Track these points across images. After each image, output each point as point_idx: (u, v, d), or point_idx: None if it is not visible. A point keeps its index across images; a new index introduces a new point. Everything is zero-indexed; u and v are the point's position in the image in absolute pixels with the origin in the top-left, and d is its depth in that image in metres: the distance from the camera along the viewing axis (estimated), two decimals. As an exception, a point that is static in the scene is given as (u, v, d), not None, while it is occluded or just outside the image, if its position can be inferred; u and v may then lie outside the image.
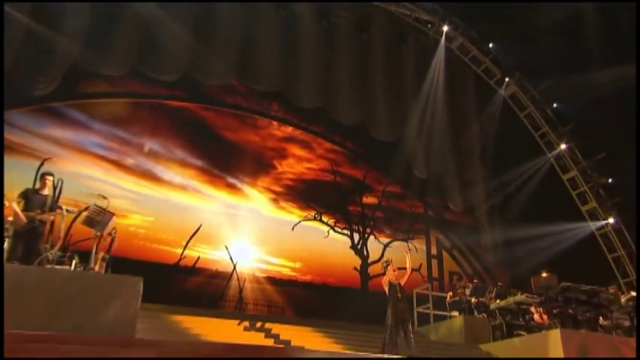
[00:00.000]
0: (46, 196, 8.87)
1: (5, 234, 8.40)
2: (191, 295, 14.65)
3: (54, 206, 9.00)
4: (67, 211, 9.05)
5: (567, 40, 15.39)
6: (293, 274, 16.84)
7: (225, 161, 16.99)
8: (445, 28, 17.57)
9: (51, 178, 9.22)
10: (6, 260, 7.64)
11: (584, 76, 15.23)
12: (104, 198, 9.51)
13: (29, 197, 8.67)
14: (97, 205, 9.08)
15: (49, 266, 8.21)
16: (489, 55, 18.38)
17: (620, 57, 14.56)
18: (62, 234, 9.22)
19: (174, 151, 16.50)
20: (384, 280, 9.05)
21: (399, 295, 8.82)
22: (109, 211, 9.12)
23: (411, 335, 8.63)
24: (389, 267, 9.32)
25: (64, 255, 8.82)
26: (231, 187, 16.95)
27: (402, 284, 9.00)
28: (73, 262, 8.88)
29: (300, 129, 18.73)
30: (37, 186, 9.03)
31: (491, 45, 18.35)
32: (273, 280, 16.28)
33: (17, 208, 8.78)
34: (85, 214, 9.07)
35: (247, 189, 17.18)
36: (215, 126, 17.54)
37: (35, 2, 13.39)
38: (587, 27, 15.17)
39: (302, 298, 16.51)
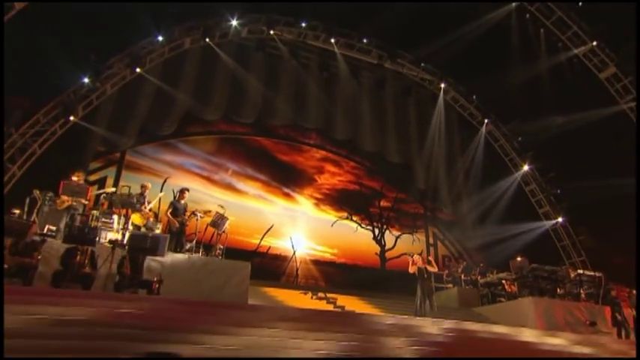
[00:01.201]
0: (185, 204, 9.64)
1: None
2: (263, 272, 14.67)
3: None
4: (200, 216, 10.00)
5: (528, 93, 15.56)
6: (332, 257, 16.95)
7: (281, 176, 17.25)
8: (442, 85, 18.00)
9: (187, 192, 10.12)
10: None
11: (540, 119, 15.61)
12: (222, 207, 10.36)
13: (175, 206, 9.48)
14: (218, 213, 10.01)
15: (188, 254, 8.96)
16: (473, 104, 18.71)
17: (567, 106, 14.86)
18: (197, 232, 10.09)
19: (246, 169, 16.71)
20: (414, 268, 9.48)
21: (425, 275, 9.41)
22: (225, 216, 10.01)
23: (434, 303, 9.24)
24: (414, 256, 9.82)
25: (197, 246, 9.54)
26: (286, 195, 17.18)
27: (427, 269, 9.54)
28: (200, 251, 9.85)
29: (331, 152, 18.68)
30: (177, 197, 9.81)
31: (474, 97, 18.61)
32: (318, 262, 16.47)
33: (169, 215, 9.74)
34: (210, 218, 10.01)
35: (297, 196, 17.36)
36: (273, 151, 17.82)
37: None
38: (543, 84, 15.41)
39: (338, 274, 16.63)
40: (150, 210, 9.58)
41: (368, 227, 18.12)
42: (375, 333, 6.48)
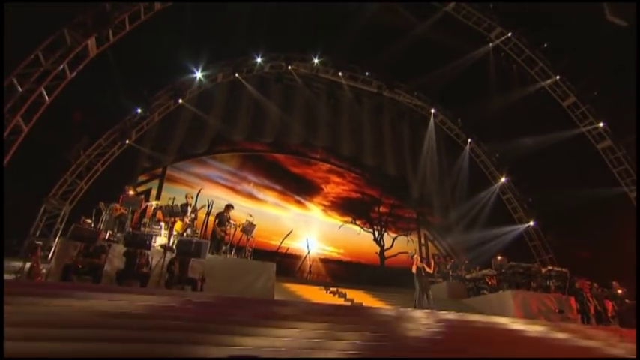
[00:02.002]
0: (228, 217, 9.78)
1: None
2: (281, 269, 14.68)
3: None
4: (233, 224, 10.19)
5: (504, 117, 15.67)
6: (339, 256, 17.03)
7: (293, 186, 17.37)
8: (432, 110, 18.35)
9: (232, 208, 10.07)
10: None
11: (514, 139, 15.93)
12: (250, 216, 10.58)
13: (221, 219, 9.71)
14: (247, 221, 10.25)
15: (224, 256, 9.23)
16: (458, 125, 19.00)
17: (536, 128, 15.16)
18: (232, 237, 10.26)
19: (264, 181, 16.79)
20: (414, 266, 9.51)
21: (423, 273, 9.49)
22: (254, 224, 10.25)
23: (432, 298, 9.29)
24: (415, 256, 9.84)
25: (230, 248, 9.70)
26: (299, 203, 17.28)
27: (425, 267, 9.64)
28: (232, 253, 10.06)
29: (335, 165, 18.72)
30: (222, 211, 9.88)
31: (459, 120, 18.87)
32: (327, 260, 16.59)
33: (215, 225, 9.91)
34: (241, 226, 10.25)
35: (308, 203, 17.47)
36: (285, 164, 17.90)
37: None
38: (516, 110, 15.58)
39: (344, 270, 16.70)
40: (190, 219, 9.77)
41: (369, 230, 18.25)
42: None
